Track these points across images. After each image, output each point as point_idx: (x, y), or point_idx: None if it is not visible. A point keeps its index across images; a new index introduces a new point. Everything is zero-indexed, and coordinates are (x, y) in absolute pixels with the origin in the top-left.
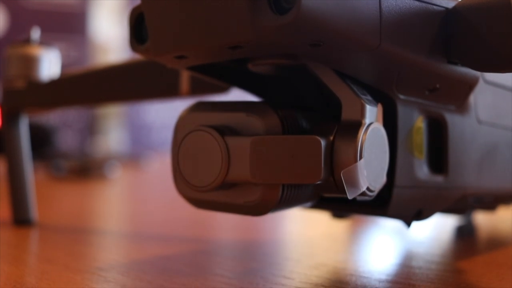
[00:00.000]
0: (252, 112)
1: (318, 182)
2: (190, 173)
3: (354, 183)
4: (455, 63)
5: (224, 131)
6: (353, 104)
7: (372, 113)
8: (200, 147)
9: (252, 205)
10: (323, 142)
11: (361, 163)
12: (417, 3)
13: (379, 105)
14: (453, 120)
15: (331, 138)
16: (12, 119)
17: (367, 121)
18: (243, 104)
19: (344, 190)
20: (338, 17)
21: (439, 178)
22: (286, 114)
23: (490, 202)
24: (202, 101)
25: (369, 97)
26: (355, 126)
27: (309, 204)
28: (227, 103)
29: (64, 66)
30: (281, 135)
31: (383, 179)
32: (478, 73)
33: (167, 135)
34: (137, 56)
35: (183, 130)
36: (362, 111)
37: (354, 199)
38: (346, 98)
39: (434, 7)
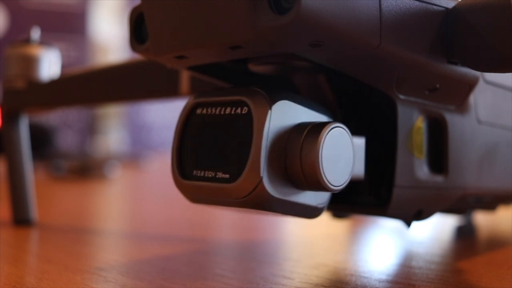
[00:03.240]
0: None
1: None
2: (330, 172)
3: None
4: (455, 63)
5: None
6: None
7: None
8: (338, 145)
9: (321, 208)
10: None
11: None
12: (417, 3)
13: None
14: (453, 120)
15: None
16: (12, 119)
17: None
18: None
19: None
20: (338, 17)
21: (439, 178)
22: None
23: (490, 202)
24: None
25: None
26: None
27: None
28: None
29: (64, 66)
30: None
31: None
32: (478, 73)
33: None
34: (137, 56)
35: (290, 122)
36: None
37: (354, 199)
38: None
39: (434, 7)
